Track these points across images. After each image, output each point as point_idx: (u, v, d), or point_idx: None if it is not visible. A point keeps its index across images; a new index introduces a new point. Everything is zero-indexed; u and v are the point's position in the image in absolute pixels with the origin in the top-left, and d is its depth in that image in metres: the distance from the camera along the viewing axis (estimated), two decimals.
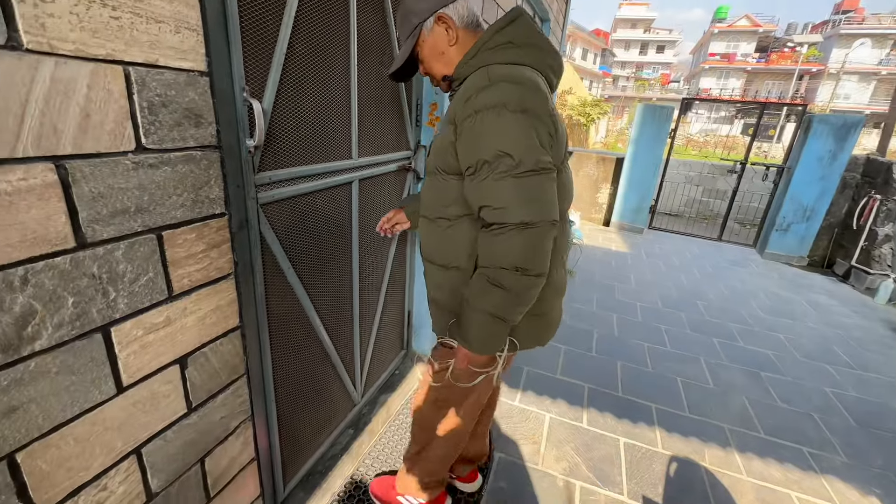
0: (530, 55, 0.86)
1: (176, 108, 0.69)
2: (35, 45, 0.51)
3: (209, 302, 0.83)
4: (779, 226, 4.68)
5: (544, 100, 0.80)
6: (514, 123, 0.77)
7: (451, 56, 0.92)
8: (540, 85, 0.82)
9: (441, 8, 0.89)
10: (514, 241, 0.79)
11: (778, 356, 2.68)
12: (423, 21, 0.90)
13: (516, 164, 0.77)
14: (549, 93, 0.87)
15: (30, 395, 0.57)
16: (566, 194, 0.92)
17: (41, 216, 0.55)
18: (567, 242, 0.98)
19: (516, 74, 0.80)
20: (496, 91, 0.78)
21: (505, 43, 0.85)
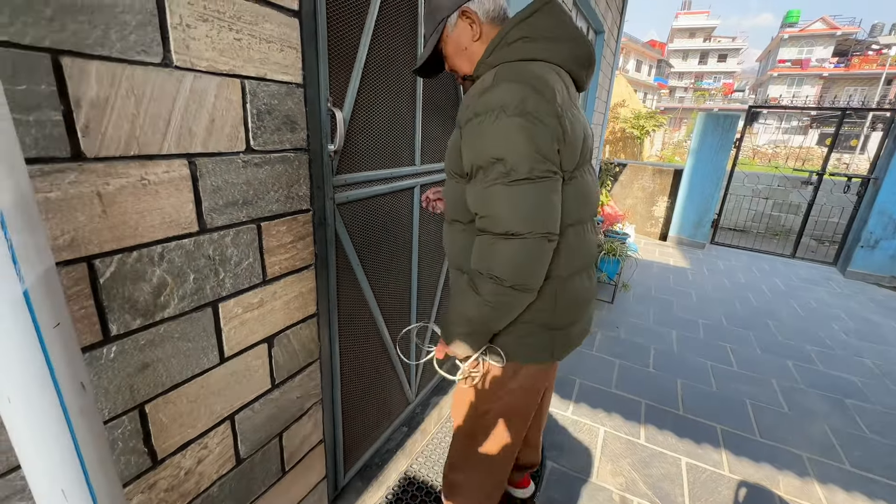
0: (547, 49, 0.81)
1: (277, 115, 0.79)
2: (181, 63, 0.62)
3: (294, 288, 0.92)
4: (865, 242, 4.24)
5: (549, 100, 0.73)
6: (511, 128, 0.71)
7: (474, 52, 0.87)
8: (549, 82, 0.75)
9: (466, 2, 0.85)
10: (496, 249, 0.75)
11: (865, 383, 2.42)
12: (448, 16, 0.86)
13: (507, 172, 0.72)
14: (567, 89, 0.80)
15: (158, 355, 0.68)
16: (585, 201, 0.85)
17: (176, 203, 0.65)
18: (590, 251, 0.91)
19: (523, 73, 0.75)
20: (497, 92, 0.73)
21: (520, 38, 0.81)
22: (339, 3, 0.95)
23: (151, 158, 0.61)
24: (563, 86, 0.79)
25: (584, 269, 0.91)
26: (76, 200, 0.54)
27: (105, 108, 0.55)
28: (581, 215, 0.85)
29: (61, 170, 0.52)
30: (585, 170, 0.86)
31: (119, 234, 0.59)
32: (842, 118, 4.78)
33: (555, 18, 0.82)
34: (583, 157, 0.82)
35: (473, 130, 0.76)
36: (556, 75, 0.79)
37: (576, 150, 0.79)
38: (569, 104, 0.78)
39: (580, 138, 0.80)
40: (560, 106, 0.74)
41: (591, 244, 0.92)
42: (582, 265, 0.89)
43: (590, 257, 0.92)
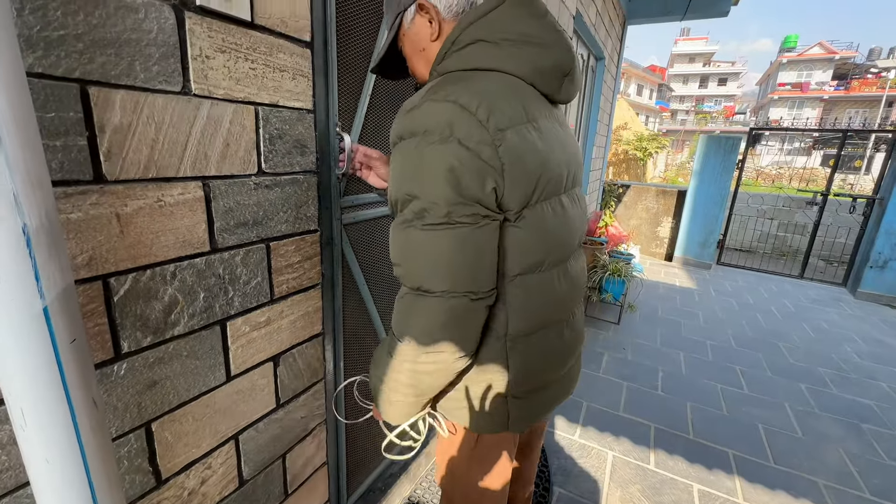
0: (509, 56, 0.65)
1: (288, 140, 0.82)
2: (199, 91, 0.65)
3: (300, 308, 0.93)
4: (873, 262, 4.20)
5: (485, 125, 0.58)
6: (430, 158, 0.58)
7: (432, 54, 0.73)
8: (491, 101, 0.60)
9: None
10: (411, 308, 0.63)
11: (882, 408, 2.36)
12: (404, 10, 0.72)
13: (421, 212, 0.60)
14: (526, 108, 0.64)
15: (166, 373, 0.68)
16: (551, 242, 0.69)
17: (190, 224, 0.68)
18: (561, 301, 0.74)
19: (460, 89, 0.60)
20: (422, 113, 0.60)
21: (475, 41, 0.65)
22: (350, 33, 0.99)
23: (168, 181, 0.64)
24: (520, 102, 0.64)
25: (552, 324, 0.75)
26: (96, 221, 0.56)
27: (127, 133, 0.58)
28: (543, 259, 0.69)
29: (84, 192, 0.54)
30: (551, 204, 0.68)
31: (134, 253, 0.61)
32: (843, 140, 4.82)
33: (522, 16, 0.66)
34: (545, 188, 0.66)
35: (395, 156, 0.64)
36: (509, 90, 0.64)
37: (528, 182, 0.63)
38: (523, 125, 0.63)
39: (537, 166, 0.64)
40: (502, 130, 0.59)
41: (566, 292, 0.75)
42: (547, 320, 0.73)
43: (562, 309, 0.76)
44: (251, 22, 0.71)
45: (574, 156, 0.75)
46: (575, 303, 0.80)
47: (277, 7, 0.75)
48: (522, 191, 0.63)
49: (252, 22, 0.71)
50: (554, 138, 0.69)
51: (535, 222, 0.66)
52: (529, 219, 0.65)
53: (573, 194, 0.76)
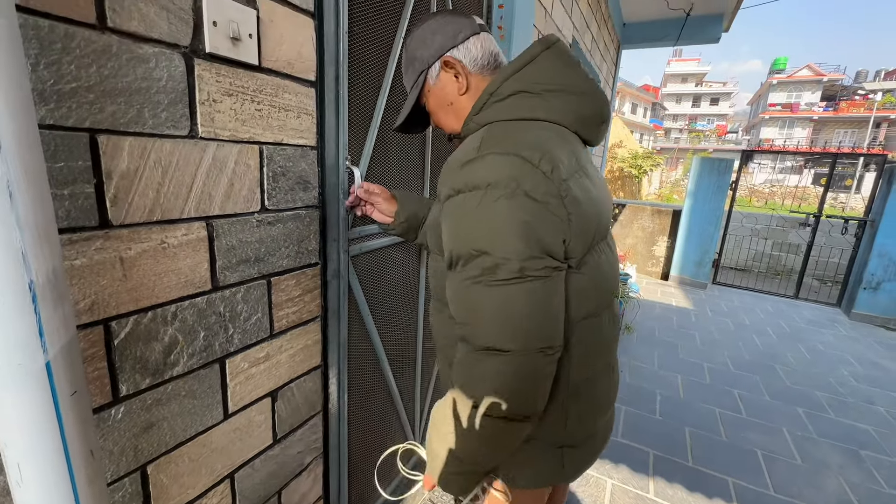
0: (551, 106, 0.67)
1: (291, 176, 0.83)
2: (206, 134, 0.66)
3: (299, 341, 0.93)
4: (867, 283, 4.24)
5: (550, 176, 0.59)
6: (499, 213, 0.57)
7: (461, 108, 0.75)
8: (550, 151, 0.61)
9: (448, 51, 0.73)
10: (479, 369, 0.60)
11: (881, 433, 2.35)
12: (428, 68, 0.75)
13: (492, 268, 0.58)
14: (575, 154, 0.66)
15: (164, 414, 0.68)
16: (603, 286, 0.70)
17: (192, 264, 0.68)
18: (609, 344, 0.75)
19: (517, 140, 0.62)
20: (483, 166, 0.60)
21: (517, 92, 0.67)
22: (360, 69, 1.02)
23: (172, 223, 0.64)
24: (571, 151, 0.65)
25: (603, 368, 0.75)
26: (99, 266, 0.56)
27: (134, 178, 0.58)
28: (598, 304, 0.69)
29: (88, 238, 0.54)
30: (601, 248, 0.69)
31: (136, 295, 0.61)
32: (834, 162, 4.92)
33: (559, 67, 0.69)
34: (598, 234, 0.67)
35: (453, 210, 0.62)
36: (560, 139, 0.65)
37: (588, 229, 0.64)
38: (577, 173, 0.64)
39: (594, 213, 0.65)
40: (565, 181, 0.60)
41: (611, 334, 0.75)
42: (601, 364, 0.74)
43: (610, 351, 0.76)
44: (258, 66, 0.72)
45: (609, 197, 0.77)
46: (617, 342, 0.81)
47: (285, 50, 0.77)
48: (584, 238, 0.64)
49: (259, 66, 0.72)
50: (599, 183, 0.72)
51: (593, 268, 0.67)
52: (589, 264, 0.66)
53: (609, 238, 0.76)
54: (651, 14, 4.09)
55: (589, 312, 0.68)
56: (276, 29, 0.75)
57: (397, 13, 1.13)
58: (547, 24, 2.12)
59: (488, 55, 0.74)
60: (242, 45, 0.68)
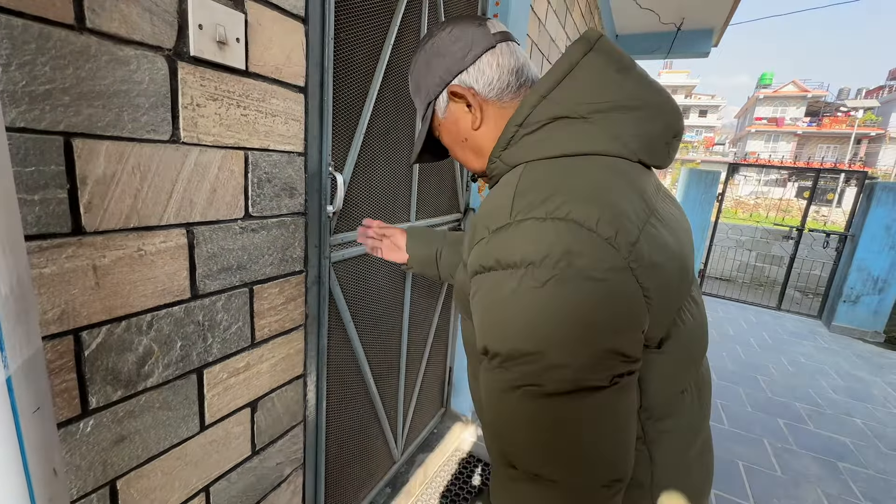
0: (607, 133, 0.49)
1: (277, 183, 0.82)
2: (188, 139, 0.65)
3: (281, 350, 0.91)
4: (846, 297, 4.34)
5: (613, 242, 0.42)
6: (548, 303, 0.41)
7: (479, 143, 0.60)
8: (610, 206, 0.43)
9: (454, 76, 0.58)
10: (519, 496, 0.46)
11: (857, 445, 2.39)
12: (435, 99, 0.62)
13: (537, 375, 0.42)
14: (643, 194, 0.48)
15: (136, 426, 0.65)
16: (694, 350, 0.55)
17: (170, 272, 0.66)
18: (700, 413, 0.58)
19: (565, 195, 0.44)
20: (519, 236, 0.44)
21: (554, 119, 0.51)
22: (346, 74, 1.00)
23: (150, 229, 0.62)
24: (639, 194, 0.48)
25: (696, 456, 0.58)
26: (71, 274, 0.54)
27: (110, 183, 0.56)
28: (686, 378, 0.54)
29: (59, 245, 0.52)
30: (685, 309, 0.52)
31: (109, 304, 0.59)
32: (817, 176, 5.04)
33: (608, 76, 0.51)
34: (682, 294, 0.50)
35: (484, 293, 0.47)
36: (623, 180, 0.48)
37: (670, 297, 0.48)
38: (649, 223, 0.46)
39: (677, 270, 0.48)
40: (635, 245, 0.43)
41: (700, 410, 0.58)
42: (693, 452, 0.57)
43: (700, 432, 0.59)
44: (245, 70, 0.71)
45: (688, 234, 0.56)
46: (708, 414, 0.62)
47: (273, 55, 0.75)
48: (667, 310, 0.48)
49: (246, 70, 0.71)
50: (675, 222, 0.52)
51: (679, 339, 0.51)
52: (674, 337, 0.50)
53: (695, 283, 0.57)
54: (643, 27, 4.15)
55: (675, 395, 0.53)
56: (265, 33, 0.73)
57: (387, 21, 1.12)
58: (541, 34, 2.13)
59: (508, 74, 0.57)
60: (229, 48, 0.67)
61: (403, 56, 1.22)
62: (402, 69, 1.23)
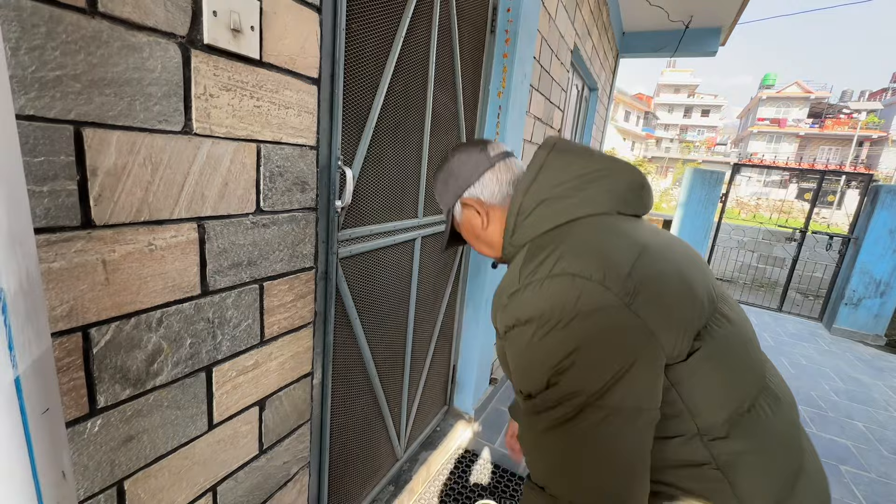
0: (583, 199, 0.62)
1: (289, 177, 0.80)
2: (201, 130, 0.62)
3: (290, 348, 0.89)
4: (848, 300, 4.33)
5: (605, 283, 0.51)
6: (559, 343, 0.51)
7: (490, 239, 0.75)
8: (601, 254, 0.54)
9: (464, 191, 0.75)
10: None
11: (859, 448, 2.39)
12: (453, 207, 0.78)
13: (559, 401, 0.52)
14: (630, 237, 0.58)
15: (144, 426, 0.64)
16: (737, 370, 0.57)
17: (180, 267, 0.64)
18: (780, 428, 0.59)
19: (559, 255, 0.56)
20: (527, 297, 0.55)
21: (540, 203, 0.64)
22: (357, 68, 0.98)
23: (161, 223, 0.60)
24: (625, 236, 0.58)
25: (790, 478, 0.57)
26: (80, 269, 0.52)
27: (121, 175, 0.54)
28: (741, 397, 0.56)
29: (68, 239, 0.50)
30: (715, 325, 0.57)
31: (119, 300, 0.57)
32: (822, 178, 5.02)
33: (571, 160, 0.65)
34: (702, 312, 0.55)
35: (511, 347, 0.58)
36: (607, 230, 0.59)
37: (679, 310, 0.53)
38: (641, 258, 0.54)
39: (679, 291, 0.54)
40: (628, 276, 0.51)
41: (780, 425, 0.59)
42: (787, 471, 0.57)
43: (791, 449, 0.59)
44: (259, 60, 0.69)
45: (698, 261, 0.63)
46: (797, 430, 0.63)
47: (288, 45, 0.73)
48: (683, 327, 0.53)
49: (260, 60, 0.69)
50: (669, 249, 0.59)
51: (711, 353, 0.55)
52: (704, 351, 0.55)
53: (724, 299, 0.62)
54: (651, 24, 4.11)
55: (732, 414, 0.55)
56: (280, 21, 0.71)
57: (399, 11, 1.10)
58: (551, 29, 2.10)
59: (507, 185, 0.73)
60: (244, 37, 0.64)
61: (415, 49, 1.20)
62: (413, 63, 1.20)
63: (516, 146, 1.90)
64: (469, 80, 1.60)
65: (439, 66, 1.35)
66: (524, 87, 1.83)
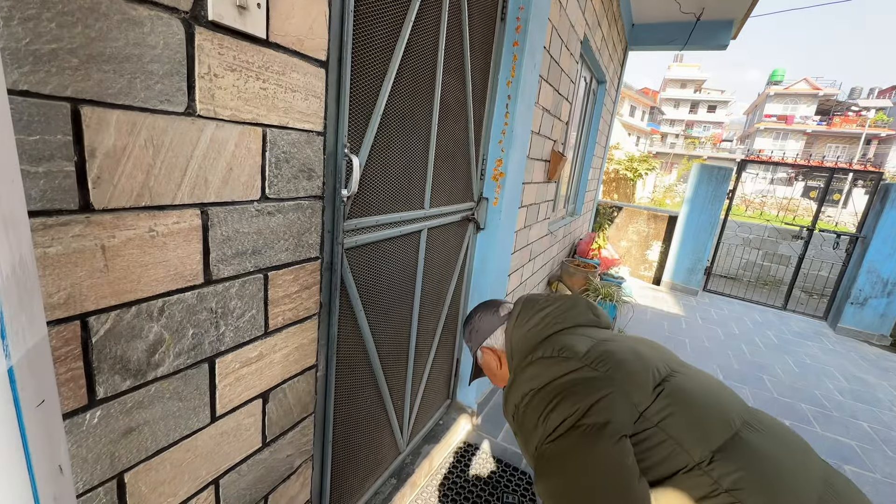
0: (549, 322, 0.92)
1: (295, 164, 0.77)
2: (204, 112, 0.60)
3: (295, 340, 0.87)
4: (854, 299, 4.29)
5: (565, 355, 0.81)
6: (540, 403, 0.76)
7: (503, 374, 1.01)
8: (561, 341, 0.85)
9: (482, 342, 1.03)
10: None
11: (864, 448, 2.37)
12: (476, 353, 1.06)
13: (550, 441, 0.74)
14: (592, 335, 0.87)
15: (145, 417, 0.62)
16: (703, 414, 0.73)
17: (183, 255, 0.61)
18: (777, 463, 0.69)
19: (534, 353, 0.87)
20: (518, 385, 0.83)
21: (520, 338, 0.93)
22: (365, 52, 0.95)
23: (163, 209, 0.58)
24: (588, 336, 0.87)
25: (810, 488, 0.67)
26: (78, 255, 0.50)
27: (121, 157, 0.52)
28: (715, 424, 0.72)
29: (66, 223, 0.48)
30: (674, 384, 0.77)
31: (119, 288, 0.55)
32: (830, 176, 4.96)
33: (529, 312, 0.95)
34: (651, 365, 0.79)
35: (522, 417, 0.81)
36: (573, 335, 0.88)
37: (634, 363, 0.78)
38: (601, 342, 0.83)
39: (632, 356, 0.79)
40: (586, 355, 0.79)
41: (782, 442, 0.73)
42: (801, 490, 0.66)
43: (800, 463, 0.70)
44: (266, 39, 0.66)
45: (651, 344, 0.92)
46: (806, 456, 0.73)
47: (295, 24, 0.70)
48: (634, 379, 0.75)
49: (267, 39, 0.66)
50: (619, 339, 0.89)
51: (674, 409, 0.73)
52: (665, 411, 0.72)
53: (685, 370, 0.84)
54: (661, 16, 4.04)
55: (716, 443, 0.69)
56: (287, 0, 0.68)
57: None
58: (561, 18, 2.06)
59: (502, 340, 1.01)
60: (250, 14, 0.61)
61: (424, 35, 1.16)
62: (422, 49, 1.17)
63: (524, 137, 1.86)
64: (478, 69, 1.56)
65: (448, 53, 1.31)
66: (534, 76, 1.79)
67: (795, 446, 0.74)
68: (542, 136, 2.23)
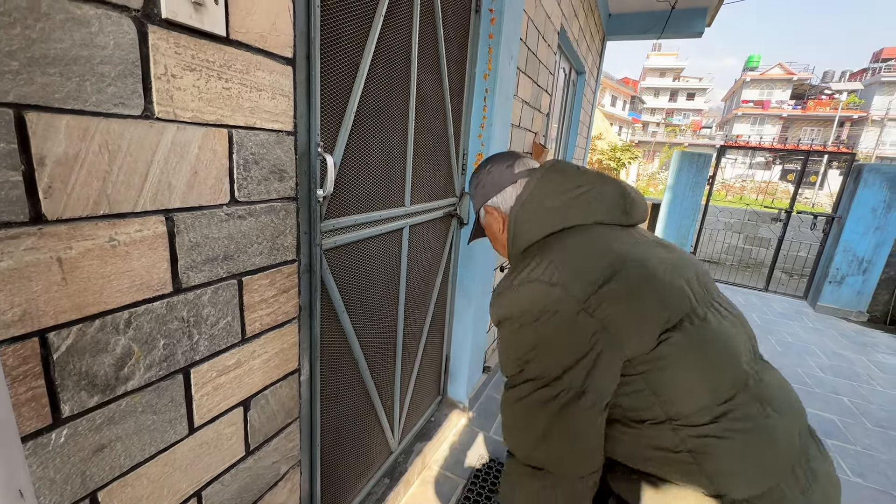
0: (572, 211, 0.73)
1: (265, 165, 0.75)
2: (163, 114, 0.57)
3: (274, 345, 0.85)
4: (832, 278, 4.41)
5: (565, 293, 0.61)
6: (524, 337, 0.65)
7: (505, 241, 0.87)
8: (571, 266, 0.65)
9: (488, 200, 0.87)
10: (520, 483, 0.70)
11: (845, 422, 2.45)
12: (480, 210, 0.92)
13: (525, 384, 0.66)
14: (612, 248, 0.67)
15: (117, 433, 0.60)
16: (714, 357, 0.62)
17: (148, 264, 0.59)
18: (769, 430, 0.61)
19: (539, 264, 0.67)
20: (511, 297, 0.68)
21: (530, 215, 0.76)
22: (334, 49, 0.93)
23: (123, 217, 0.55)
24: (605, 249, 0.67)
25: (780, 485, 0.60)
26: (32, 269, 0.47)
27: (73, 165, 0.49)
28: (720, 384, 0.61)
29: (16, 235, 0.46)
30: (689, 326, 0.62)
31: (79, 301, 0.52)
32: (806, 159, 5.07)
33: (563, 179, 0.75)
34: (672, 314, 0.62)
35: (499, 339, 0.72)
36: (589, 241, 0.69)
37: (647, 317, 0.61)
38: (616, 266, 0.63)
39: (654, 293, 0.62)
40: (596, 285, 0.61)
41: (778, 414, 0.62)
42: (770, 477, 0.60)
43: (778, 458, 0.61)
44: (226, 37, 0.63)
45: (685, 265, 0.70)
46: (794, 439, 0.64)
47: (257, 21, 0.68)
48: (647, 328, 0.61)
49: (227, 37, 0.63)
50: (643, 255, 0.67)
51: (682, 345, 0.61)
52: (676, 343, 0.61)
53: (710, 304, 0.68)
54: (637, 5, 4.06)
55: (706, 405, 0.60)
56: None
57: None
58: (537, 9, 2.05)
59: (510, 200, 0.84)
60: (207, 11, 0.59)
61: (397, 29, 1.14)
62: (395, 44, 1.15)
63: (504, 130, 1.85)
64: (454, 62, 1.54)
65: (423, 47, 1.29)
66: (511, 68, 1.78)
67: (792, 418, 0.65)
68: (523, 128, 2.22)
